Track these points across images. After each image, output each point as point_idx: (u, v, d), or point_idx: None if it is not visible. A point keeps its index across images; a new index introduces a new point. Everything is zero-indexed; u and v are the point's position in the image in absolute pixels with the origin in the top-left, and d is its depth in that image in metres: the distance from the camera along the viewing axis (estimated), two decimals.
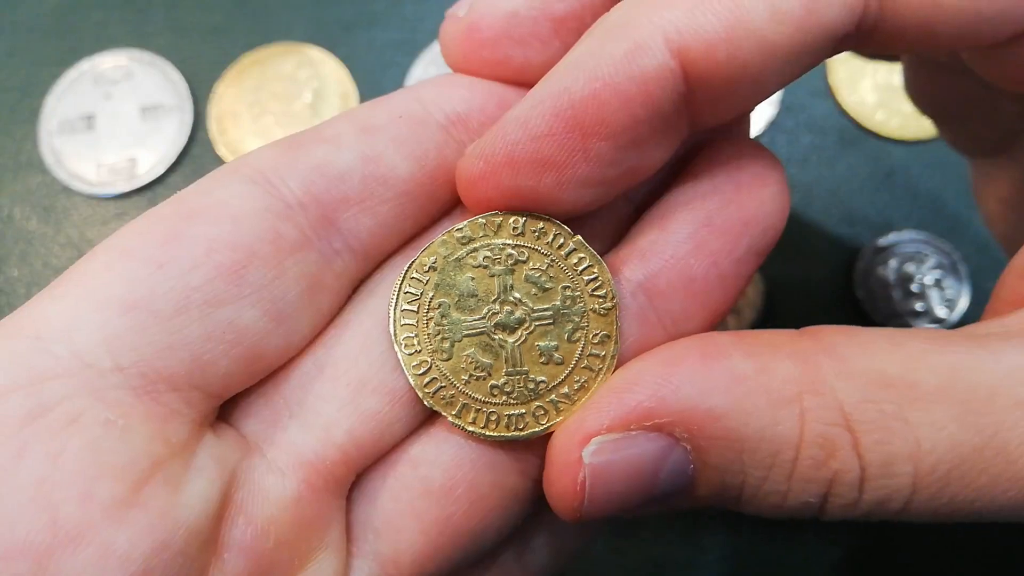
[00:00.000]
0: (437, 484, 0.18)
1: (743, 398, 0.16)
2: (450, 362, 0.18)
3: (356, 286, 0.19)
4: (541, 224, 0.18)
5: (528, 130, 0.17)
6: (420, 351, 0.18)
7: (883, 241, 0.33)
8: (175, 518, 0.15)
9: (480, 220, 0.18)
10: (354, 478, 0.18)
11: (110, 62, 0.37)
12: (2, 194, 0.35)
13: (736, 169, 0.19)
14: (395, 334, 0.18)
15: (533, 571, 0.21)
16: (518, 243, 0.18)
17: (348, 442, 0.18)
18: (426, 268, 0.18)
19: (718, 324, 0.19)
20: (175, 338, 0.16)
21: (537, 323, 0.18)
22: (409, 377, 0.18)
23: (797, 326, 0.17)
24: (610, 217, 0.20)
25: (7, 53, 0.37)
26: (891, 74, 0.36)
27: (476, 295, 0.18)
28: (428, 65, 0.37)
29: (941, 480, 0.15)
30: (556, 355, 0.18)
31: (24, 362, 0.15)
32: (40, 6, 0.38)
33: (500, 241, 0.18)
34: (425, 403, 0.18)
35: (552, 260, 0.18)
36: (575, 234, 0.18)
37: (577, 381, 0.18)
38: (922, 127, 0.35)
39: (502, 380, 0.18)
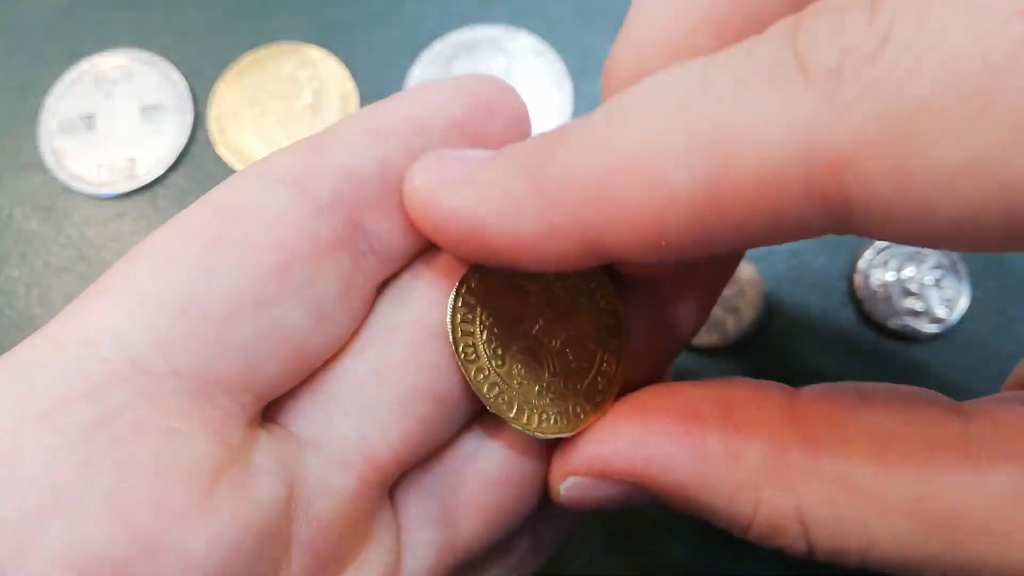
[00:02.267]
0: (494, 475, 0.19)
1: (707, 477, 0.17)
2: (503, 369, 0.19)
3: (380, 287, 0.19)
4: None
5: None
6: (478, 359, 0.19)
7: (883, 241, 0.33)
8: (247, 519, 0.15)
9: None
10: (400, 473, 0.19)
11: (110, 62, 0.37)
12: (2, 194, 0.35)
13: None
14: (455, 343, 0.19)
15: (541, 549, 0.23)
16: None
17: (400, 443, 0.18)
18: (472, 284, 0.19)
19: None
20: (228, 341, 0.16)
21: (567, 334, 0.20)
22: (472, 384, 0.19)
23: (797, 326, 0.17)
24: None
25: (7, 53, 0.37)
26: None
27: (520, 310, 0.20)
28: (428, 65, 0.37)
29: (891, 565, 0.16)
30: (583, 363, 0.20)
31: (81, 370, 0.15)
32: (40, 6, 0.38)
33: None
34: (488, 407, 0.19)
35: (573, 277, 0.20)
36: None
37: (595, 388, 0.20)
38: None
39: (546, 384, 0.20)
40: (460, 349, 0.19)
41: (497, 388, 0.19)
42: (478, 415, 0.20)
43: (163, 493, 0.14)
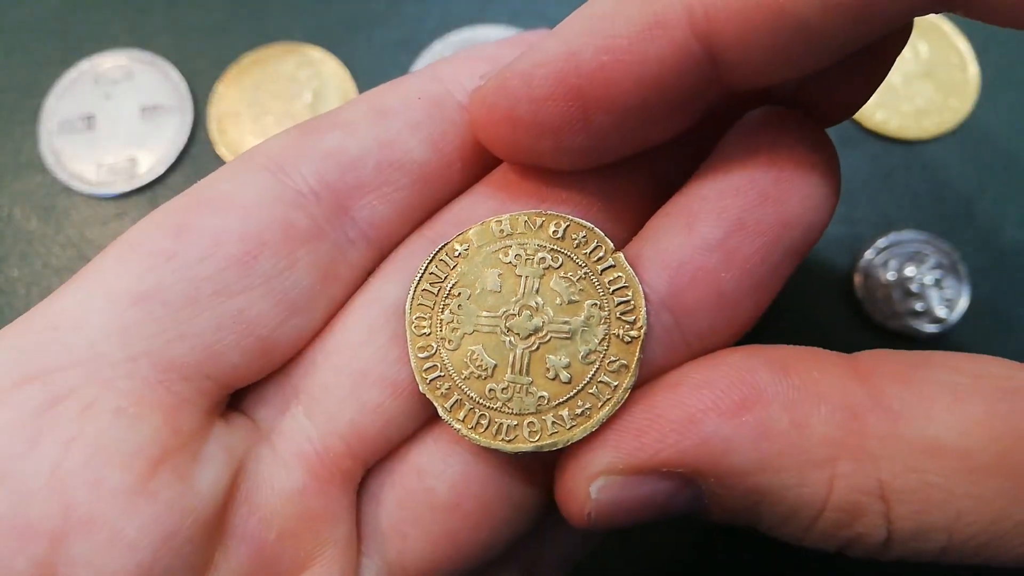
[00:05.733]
0: (442, 498, 0.17)
1: (772, 457, 0.15)
2: (456, 353, 0.17)
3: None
4: (584, 232, 0.17)
5: (530, 89, 0.16)
6: (429, 334, 0.17)
7: (883, 241, 0.33)
8: (184, 507, 0.15)
9: (523, 217, 0.17)
10: (363, 472, 0.18)
11: (110, 62, 0.37)
12: (2, 194, 0.35)
13: (775, 154, 0.17)
14: (409, 312, 0.17)
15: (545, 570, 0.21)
16: (555, 247, 0.17)
17: (351, 434, 0.17)
18: (456, 253, 0.17)
19: None
20: (185, 328, 0.16)
21: (553, 334, 0.17)
22: (412, 359, 0.17)
23: (797, 326, 0.17)
24: (634, 196, 0.18)
25: (7, 53, 0.37)
26: (891, 74, 0.36)
27: (498, 291, 0.17)
28: None
29: (975, 547, 0.14)
30: (564, 373, 0.17)
31: (41, 353, 0.16)
32: (40, 6, 0.38)
33: (537, 241, 0.17)
34: (420, 388, 0.17)
35: (586, 272, 0.17)
36: (617, 250, 0.17)
37: (580, 406, 0.17)
38: (922, 127, 0.35)
39: (502, 385, 0.17)
40: (411, 320, 0.17)
41: (438, 370, 0.17)
42: (438, 418, 0.17)
43: (101, 473, 0.15)
